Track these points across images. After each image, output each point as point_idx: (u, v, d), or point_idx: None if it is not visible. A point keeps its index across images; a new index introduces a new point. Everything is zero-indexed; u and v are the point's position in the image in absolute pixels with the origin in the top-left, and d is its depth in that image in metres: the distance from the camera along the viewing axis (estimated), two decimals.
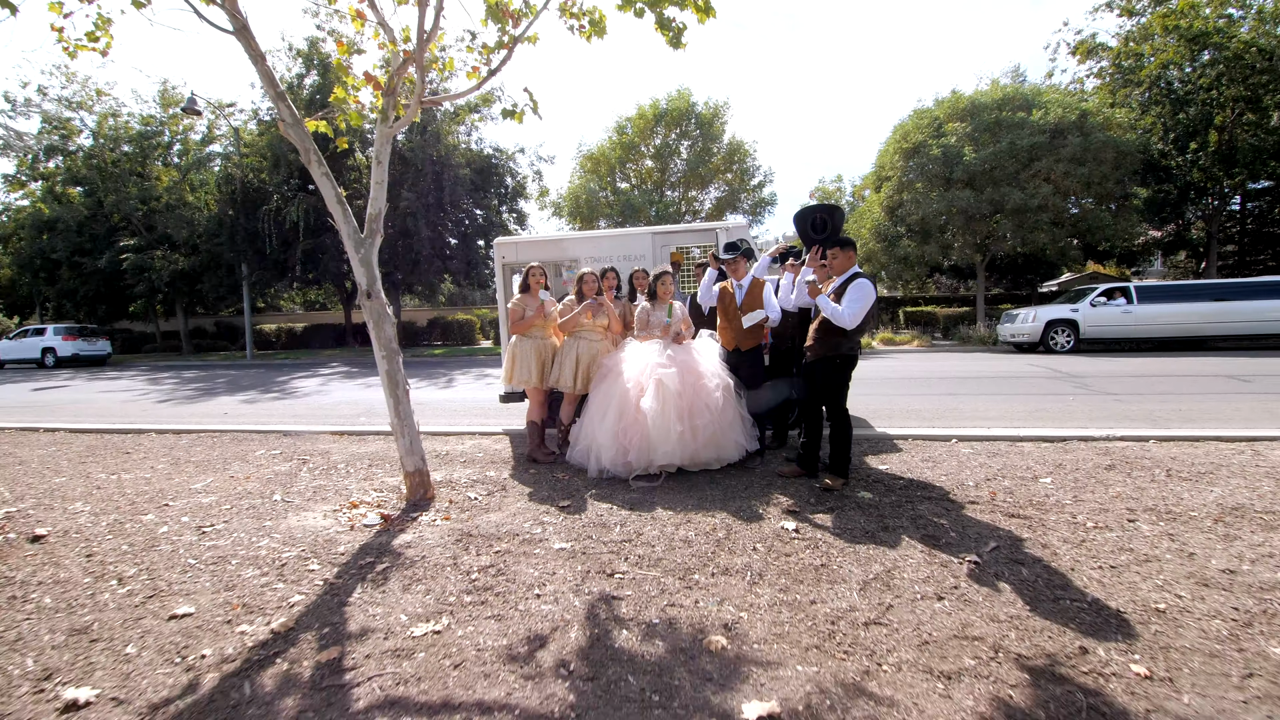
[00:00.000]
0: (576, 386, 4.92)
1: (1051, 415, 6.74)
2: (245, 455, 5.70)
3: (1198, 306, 14.59)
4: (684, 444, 4.18)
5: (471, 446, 5.77)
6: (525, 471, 4.73)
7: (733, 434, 4.41)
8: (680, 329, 4.80)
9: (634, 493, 4.10)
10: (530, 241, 6.47)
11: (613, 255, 6.19)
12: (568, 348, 4.99)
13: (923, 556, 3.02)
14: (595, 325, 5.04)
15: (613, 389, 4.51)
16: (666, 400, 4.22)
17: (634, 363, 4.55)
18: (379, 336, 3.95)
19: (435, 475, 4.66)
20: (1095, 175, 17.41)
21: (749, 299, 4.70)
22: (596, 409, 4.51)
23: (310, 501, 4.11)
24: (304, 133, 3.88)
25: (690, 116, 24.31)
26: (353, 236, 3.95)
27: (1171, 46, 17.94)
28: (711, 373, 4.46)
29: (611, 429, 4.30)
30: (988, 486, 4.13)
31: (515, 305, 5.06)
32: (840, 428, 4.05)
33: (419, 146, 20.77)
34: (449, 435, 6.35)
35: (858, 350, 4.04)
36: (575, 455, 4.61)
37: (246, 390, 12.02)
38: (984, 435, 5.57)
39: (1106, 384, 8.93)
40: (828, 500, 3.86)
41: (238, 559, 3.13)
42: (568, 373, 4.93)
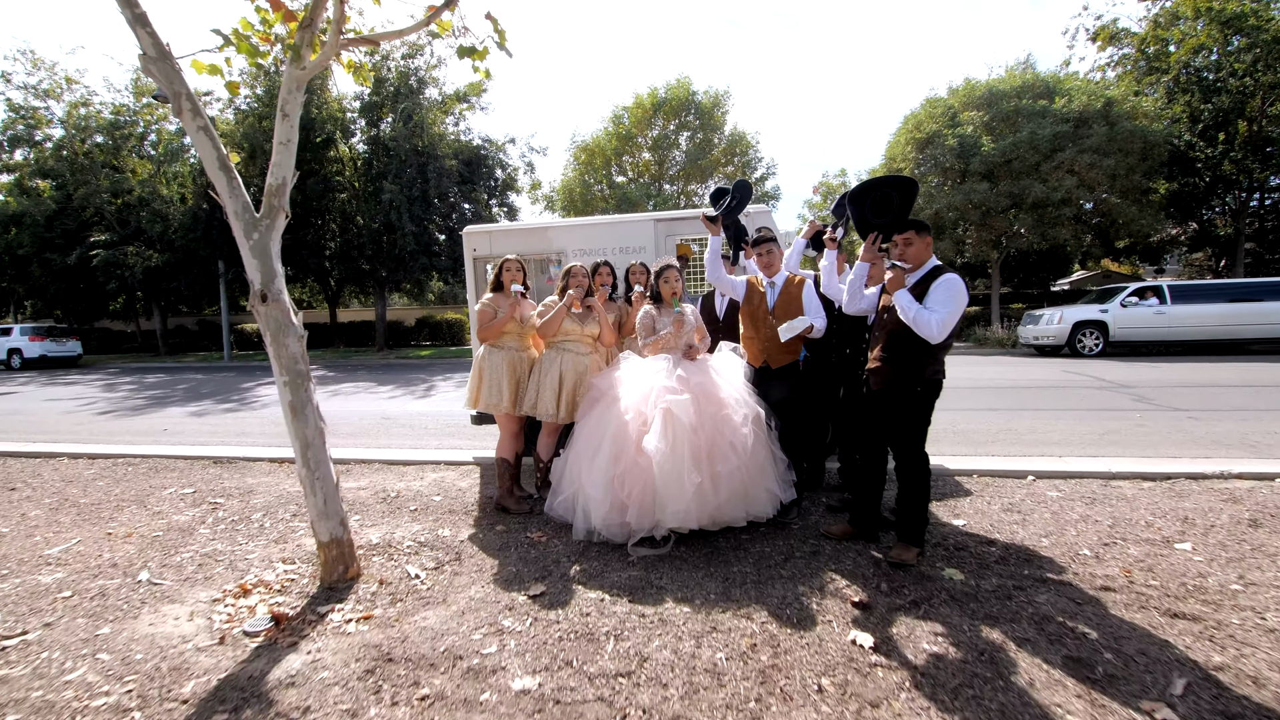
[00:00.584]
0: (559, 413, 3.82)
1: (1127, 439, 5.68)
2: (149, 495, 4.58)
3: (1236, 308, 13.60)
4: (702, 500, 3.08)
5: (431, 483, 4.66)
6: (491, 528, 3.62)
7: (764, 481, 3.32)
8: (692, 338, 3.71)
9: (634, 566, 3.00)
10: (507, 230, 5.36)
11: (607, 247, 5.09)
12: (548, 362, 3.89)
13: (1084, 707, 1.94)
14: (583, 334, 3.94)
15: (606, 420, 3.41)
16: (678, 438, 3.12)
17: (634, 385, 3.45)
18: (279, 355, 2.84)
19: (372, 534, 3.54)
20: (1121, 167, 16.37)
21: (785, 301, 3.60)
22: (585, 446, 3.41)
23: (186, 583, 2.99)
24: (172, 71, 2.77)
25: (690, 106, 23.17)
26: (242, 215, 2.84)
27: (1203, 31, 16.89)
28: (736, 399, 3.37)
29: (604, 475, 3.21)
30: (1112, 558, 3.05)
31: (484, 307, 3.96)
32: (914, 480, 2.96)
33: (402, 136, 19.59)
34: (407, 466, 5.23)
35: (943, 373, 2.94)
36: (557, 507, 3.51)
37: (204, 399, 10.88)
38: (1067, 471, 4.49)
39: (1166, 396, 7.87)
40: (904, 585, 2.77)
41: (16, 713, 2.02)
42: (548, 395, 3.83)
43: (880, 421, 3.05)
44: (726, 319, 4.59)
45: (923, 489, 2.97)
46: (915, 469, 2.96)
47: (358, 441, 6.60)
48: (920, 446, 2.96)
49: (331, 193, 22.14)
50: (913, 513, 2.98)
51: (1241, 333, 13.53)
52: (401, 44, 21.78)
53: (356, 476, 4.95)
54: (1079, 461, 4.77)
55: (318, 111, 20.64)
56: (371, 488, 4.57)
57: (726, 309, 4.63)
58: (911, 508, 2.98)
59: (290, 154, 2.98)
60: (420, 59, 21.81)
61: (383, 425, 7.44)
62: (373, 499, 4.27)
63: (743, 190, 3.90)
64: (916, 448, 2.95)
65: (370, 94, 21.77)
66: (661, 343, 3.59)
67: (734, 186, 3.92)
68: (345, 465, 5.37)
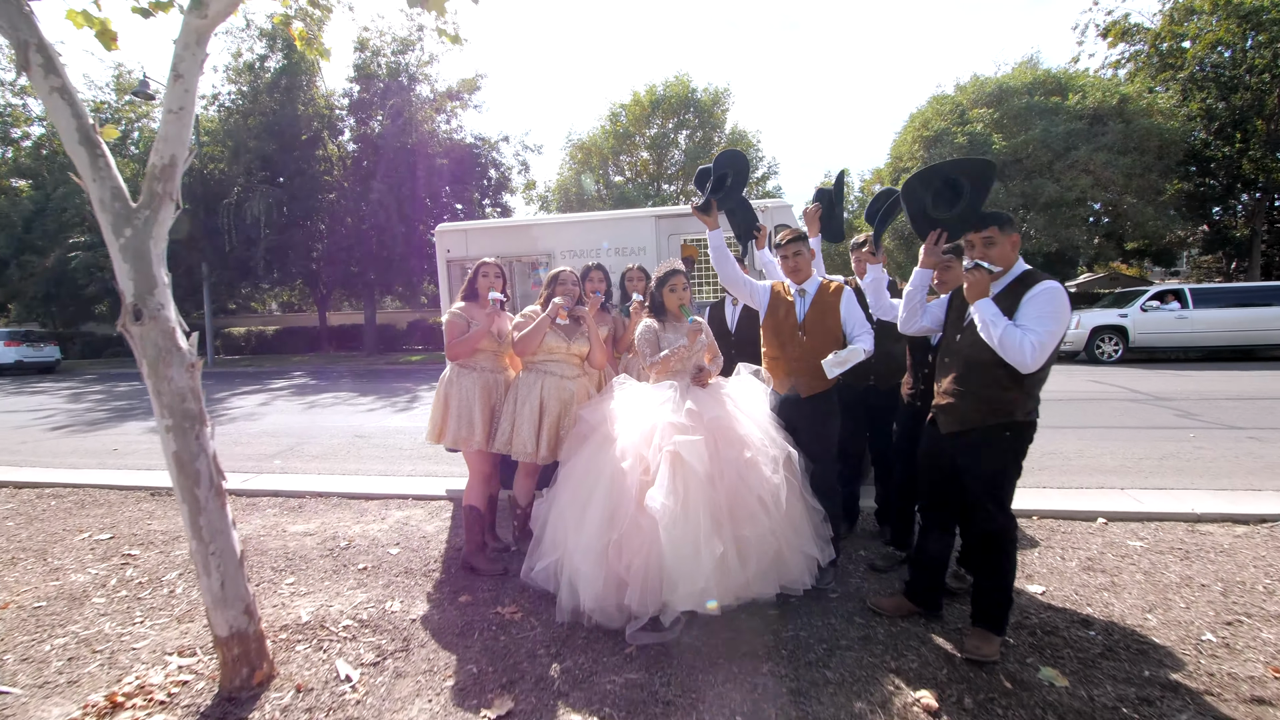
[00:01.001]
0: (539, 451, 3.12)
1: (1189, 465, 5.00)
2: (56, 543, 3.86)
3: (1262, 312, 12.99)
4: (725, 575, 2.38)
5: (393, 526, 3.96)
6: (454, 599, 2.91)
7: (800, 542, 2.63)
8: (702, 359, 3.02)
9: (632, 662, 2.30)
10: (485, 229, 4.66)
11: (601, 248, 4.41)
12: (526, 387, 3.19)
13: None
14: (570, 353, 3.25)
15: (597, 465, 2.72)
16: (691, 493, 2.43)
17: (632, 419, 2.77)
18: (160, 391, 2.13)
19: (303, 608, 2.83)
20: (1138, 166, 15.76)
21: (819, 314, 2.89)
22: (571, 499, 2.71)
23: (41, 690, 2.27)
24: (15, 13, 2.07)
25: (689, 104, 22.51)
26: (110, 205, 2.14)
27: (1220, 25, 16.29)
28: (762, 438, 2.68)
29: (596, 540, 2.51)
30: (1244, 645, 2.37)
31: (453, 319, 3.26)
32: (998, 551, 2.28)
33: (391, 134, 18.89)
34: (369, 501, 4.53)
35: (1037, 413, 2.25)
36: (536, 574, 2.80)
37: None
38: (1143, 513, 3.81)
39: (1213, 411, 7.20)
40: (992, 696, 2.08)
41: None
42: (525, 427, 3.12)
43: (952, 474, 2.35)
44: (740, 333, 3.90)
45: (1008, 562, 2.28)
46: (999, 537, 2.27)
47: (322, 466, 5.88)
48: (1006, 507, 2.27)
49: (319, 193, 21.41)
50: (994, 593, 2.29)
51: (1269, 338, 12.93)
52: (392, 40, 21.14)
53: (307, 516, 4.24)
54: (1152, 498, 4.08)
55: (304, 109, 19.94)
56: (321, 533, 3.86)
57: (740, 319, 3.94)
58: (993, 587, 2.29)
59: (184, 126, 2.27)
60: (411, 55, 21.13)
61: (353, 446, 6.73)
62: (318, 550, 3.56)
63: (736, 162, 3.09)
64: (1001, 509, 2.26)
65: (360, 91, 21.09)
66: (668, 364, 2.89)
67: (719, 160, 3.08)
68: (299, 499, 4.66)
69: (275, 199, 19.69)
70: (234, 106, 20.66)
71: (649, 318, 3.11)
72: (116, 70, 24.12)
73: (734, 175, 3.01)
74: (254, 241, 19.83)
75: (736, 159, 3.04)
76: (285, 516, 4.27)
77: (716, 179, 3.01)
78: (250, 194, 19.47)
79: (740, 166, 3.05)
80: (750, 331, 3.92)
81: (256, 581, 3.14)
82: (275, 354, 26.22)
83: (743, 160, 3.04)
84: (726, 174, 3.02)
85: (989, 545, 2.28)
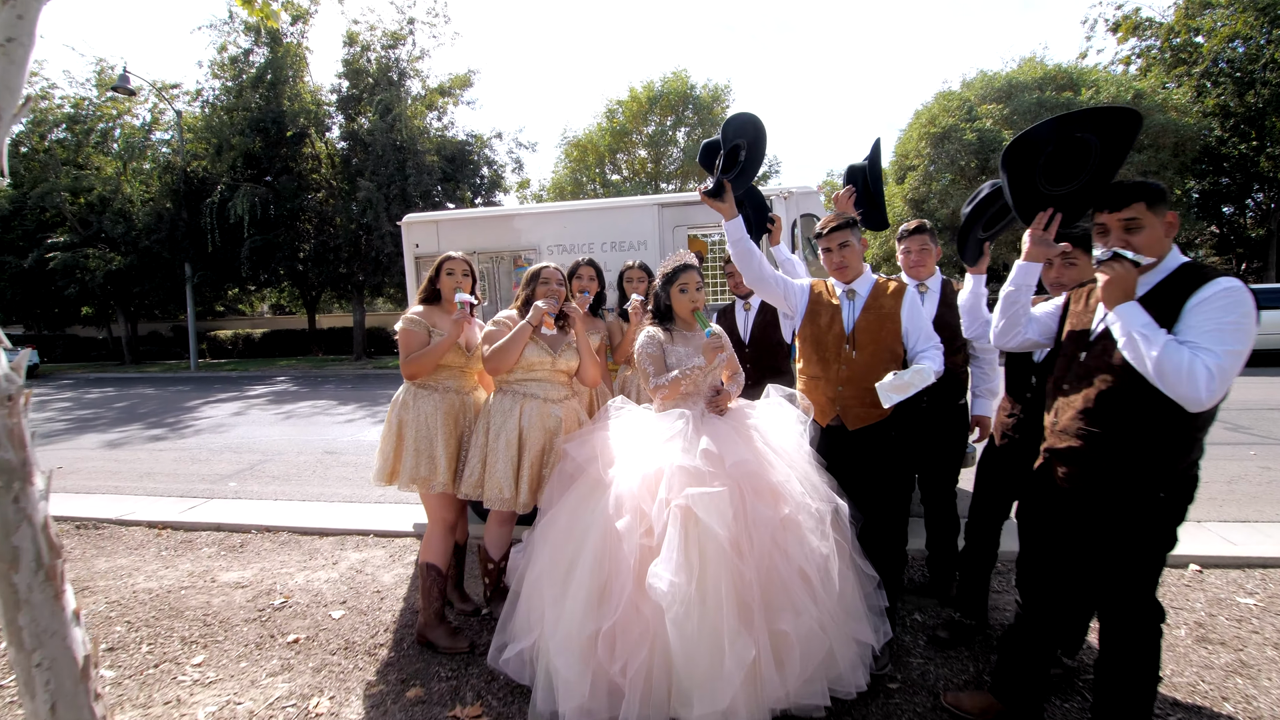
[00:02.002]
0: (519, 496, 2.49)
1: (1262, 491, 4.40)
2: None
3: None
4: (757, 686, 1.75)
5: (344, 574, 3.31)
6: (400, 696, 2.25)
7: (853, 627, 1.99)
8: (719, 377, 2.40)
9: None
10: (459, 219, 4.03)
11: (595, 242, 3.78)
12: (501, 413, 2.55)
13: None
14: (555, 369, 2.62)
15: (584, 521, 2.09)
16: (709, 566, 1.80)
17: (632, 457, 2.14)
18: None
19: (200, 710, 2.18)
20: (1153, 164, 15.20)
21: (873, 321, 2.25)
22: (551, 565, 2.08)
23: None
24: None
25: (688, 101, 21.90)
26: None
27: (1238, 18, 15.75)
28: (803, 488, 2.04)
29: (579, 625, 1.87)
30: None
31: (410, 327, 2.62)
32: (1142, 650, 1.65)
33: (380, 130, 18.23)
34: (324, 537, 3.88)
35: (1198, 464, 1.62)
36: (509, 660, 2.15)
37: (135, 421, 9.46)
38: (1241, 558, 3.19)
39: (1264, 424, 6.61)
40: None
41: None
42: (501, 465, 2.48)
43: (1072, 545, 1.72)
44: (756, 344, 3.28)
45: (1151, 666, 1.65)
46: (1141, 632, 1.64)
47: (281, 490, 5.23)
48: (1151, 593, 1.64)
49: (307, 191, 20.72)
50: (1129, 705, 1.66)
51: None
52: (382, 34, 20.51)
53: (247, 559, 3.59)
54: (1243, 536, 3.47)
55: (290, 104, 19.27)
56: (256, 584, 3.22)
57: (755, 327, 3.32)
58: (1128, 696, 1.66)
59: (15, 66, 1.63)
60: (402, 49, 20.49)
61: (321, 465, 6.07)
62: (245, 612, 2.91)
63: (748, 130, 2.39)
64: (1144, 596, 1.63)
65: (349, 87, 20.44)
66: (677, 389, 2.26)
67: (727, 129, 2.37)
68: (243, 535, 4.02)
69: (260, 198, 18.99)
70: (218, 104, 19.98)
71: (652, 325, 2.48)
72: (98, 65, 23.38)
73: (748, 148, 2.37)
74: (238, 241, 19.14)
75: (749, 125, 2.37)
76: (220, 559, 3.62)
77: (727, 154, 2.36)
78: (233, 192, 18.77)
79: (754, 135, 2.38)
80: (767, 341, 3.30)
81: (157, 661, 2.49)
82: (263, 358, 25.54)
83: (757, 126, 2.36)
84: (739, 146, 2.36)
85: (1127, 643, 1.65)
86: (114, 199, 21.57)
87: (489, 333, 2.57)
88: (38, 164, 22.61)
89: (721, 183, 2.28)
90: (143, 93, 21.85)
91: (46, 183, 21.93)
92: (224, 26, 19.58)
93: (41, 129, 22.65)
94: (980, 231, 2.44)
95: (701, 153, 2.48)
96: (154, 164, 22.35)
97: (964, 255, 2.44)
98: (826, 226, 2.26)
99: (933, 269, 2.75)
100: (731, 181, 2.32)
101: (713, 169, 2.38)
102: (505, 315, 2.63)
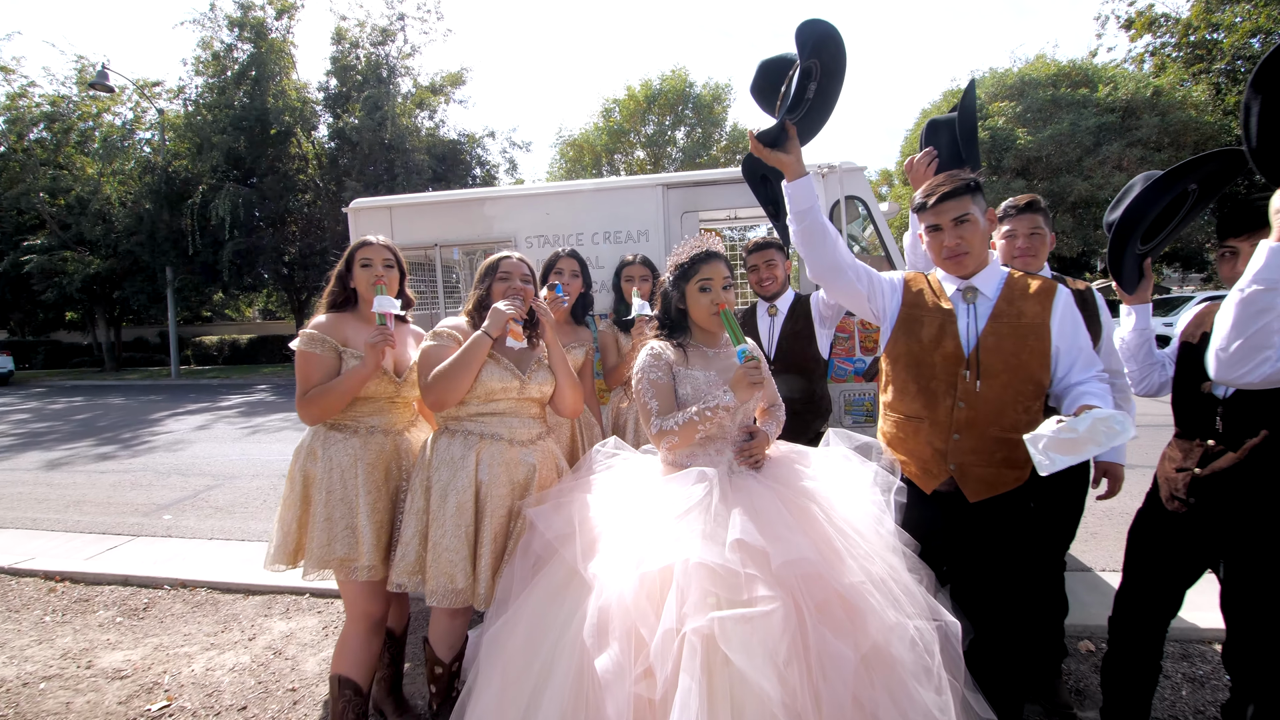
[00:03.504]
0: (476, 585, 1.76)
1: None
2: None
3: None
4: None
5: (255, 657, 2.57)
6: None
7: None
8: (751, 413, 1.69)
9: None
10: (417, 204, 3.30)
11: (586, 232, 3.07)
12: (448, 463, 1.81)
13: None
14: (523, 397, 1.89)
15: (551, 636, 1.38)
16: None
17: (625, 538, 1.42)
18: None
19: None
20: (1174, 163, 14.53)
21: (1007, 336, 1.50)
22: (502, 701, 1.35)
23: None
24: None
25: (687, 100, 21.23)
26: None
27: (1260, 12, 15.15)
28: (891, 594, 1.31)
29: None
30: None
31: (306, 348, 1.87)
32: None
33: (367, 128, 17.54)
34: (247, 597, 3.14)
35: None
36: None
37: (91, 436, 8.69)
38: None
39: None
40: None
41: None
42: (449, 539, 1.75)
43: None
44: (784, 358, 2.56)
45: None
46: None
47: (219, 525, 4.48)
48: None
49: (293, 193, 20.00)
50: None
51: None
52: (371, 30, 19.86)
53: (143, 630, 2.85)
54: None
55: (274, 101, 18.56)
56: (139, 674, 2.47)
57: (782, 337, 2.62)
58: None
59: None
60: (391, 45, 19.84)
61: (274, 492, 5.33)
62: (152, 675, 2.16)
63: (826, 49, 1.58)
64: None
65: (337, 85, 19.76)
66: (691, 434, 1.54)
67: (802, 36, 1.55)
68: (151, 592, 3.28)
69: (244, 199, 18.26)
70: (201, 101, 19.28)
71: (658, 337, 1.75)
72: (79, 63, 22.67)
73: (822, 73, 1.59)
74: (220, 244, 18.40)
75: (829, 40, 1.56)
76: (112, 630, 2.87)
77: (799, 78, 1.57)
78: (216, 193, 18.04)
79: (832, 57, 1.59)
80: (801, 359, 2.58)
81: None
82: (248, 364, 24.79)
83: (837, 43, 1.57)
84: (812, 70, 1.58)
85: None
86: (92, 200, 20.83)
87: (427, 351, 1.84)
88: (16, 164, 21.90)
89: (784, 125, 1.55)
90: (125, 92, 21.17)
91: (24, 183, 21.22)
92: (207, 20, 18.89)
93: (19, 128, 21.93)
94: (1139, 245, 1.80)
95: (756, 78, 1.72)
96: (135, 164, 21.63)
97: (1120, 279, 1.80)
98: (935, 192, 1.53)
99: (1043, 262, 2.04)
100: (797, 124, 1.58)
101: (774, 104, 1.63)
102: (450, 325, 1.89)
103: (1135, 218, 1.85)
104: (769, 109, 1.67)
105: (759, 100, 1.70)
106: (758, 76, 1.69)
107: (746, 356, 1.51)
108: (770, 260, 2.56)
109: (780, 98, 1.62)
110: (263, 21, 18.58)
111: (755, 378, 1.49)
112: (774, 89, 1.65)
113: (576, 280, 2.38)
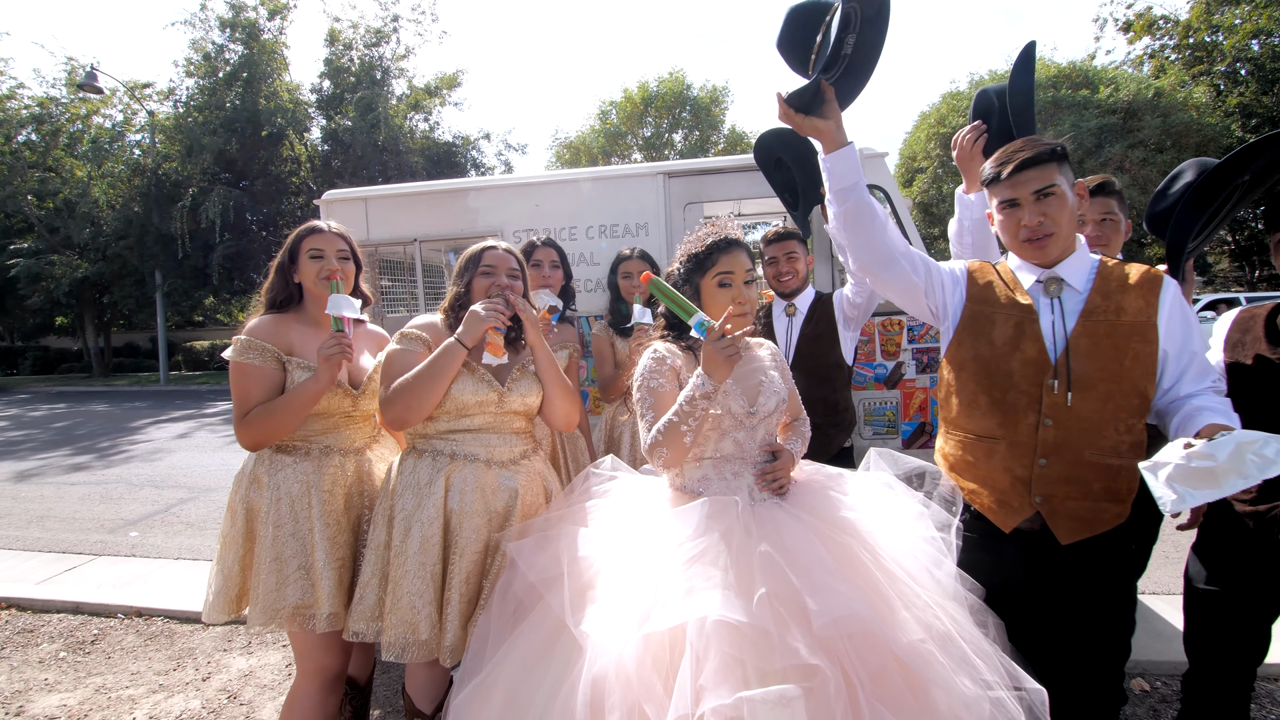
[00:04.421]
0: (443, 635, 1.48)
1: None
2: None
3: None
4: None
5: (207, 702, 2.28)
6: None
7: None
8: (773, 429, 1.42)
9: None
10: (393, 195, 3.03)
11: (580, 225, 2.81)
12: (413, 489, 1.53)
13: None
14: (505, 410, 1.61)
15: (538, 704, 1.08)
16: None
17: (626, 586, 1.14)
18: None
19: None
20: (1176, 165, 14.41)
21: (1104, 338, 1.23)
22: None
23: None
24: None
25: (685, 102, 21.06)
26: None
27: (1261, 13, 15.06)
28: (957, 654, 1.04)
29: None
30: None
31: (241, 358, 1.58)
32: None
33: (360, 130, 17.30)
34: (207, 629, 2.84)
35: None
36: None
37: (68, 445, 8.37)
38: None
39: None
40: None
41: None
42: (412, 581, 1.47)
43: None
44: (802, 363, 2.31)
45: None
46: None
47: (187, 543, 4.18)
48: None
49: (285, 195, 19.74)
50: None
51: None
52: (365, 31, 19.66)
53: (89, 667, 2.55)
54: None
55: (266, 103, 18.30)
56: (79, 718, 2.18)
57: (801, 339, 2.37)
58: None
59: None
60: (386, 47, 19.63)
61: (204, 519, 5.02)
62: None
63: None
64: None
65: (331, 87, 19.53)
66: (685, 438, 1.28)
67: None
68: (104, 621, 2.98)
69: (235, 201, 17.96)
70: (191, 103, 19.02)
71: (664, 339, 1.49)
72: (68, 64, 22.37)
73: (861, 21, 1.30)
74: (210, 247, 18.09)
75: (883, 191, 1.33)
76: (53, 667, 2.58)
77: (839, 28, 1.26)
78: (205, 196, 17.74)
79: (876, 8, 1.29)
80: (822, 365, 2.32)
81: None
82: None
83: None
84: (851, 18, 1.27)
85: None
86: (80, 203, 20.52)
87: (391, 356, 1.56)
88: (4, 167, 21.57)
89: (819, 85, 1.28)
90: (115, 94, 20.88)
91: (11, 186, 20.88)
92: (198, 21, 18.65)
93: (6, 130, 21.60)
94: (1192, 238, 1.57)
95: (783, 30, 1.42)
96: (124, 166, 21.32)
97: (1172, 272, 1.57)
98: (1012, 159, 1.26)
99: (1115, 253, 1.78)
100: (835, 85, 1.31)
101: (806, 60, 1.37)
102: (421, 325, 1.62)
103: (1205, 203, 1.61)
104: (800, 68, 1.41)
105: (787, 57, 1.43)
106: (785, 27, 1.42)
107: (707, 329, 1.24)
108: (791, 253, 2.31)
109: (814, 52, 1.35)
110: (255, 22, 18.35)
111: (728, 351, 1.21)
112: (806, 43, 1.39)
113: (557, 271, 2.13)
